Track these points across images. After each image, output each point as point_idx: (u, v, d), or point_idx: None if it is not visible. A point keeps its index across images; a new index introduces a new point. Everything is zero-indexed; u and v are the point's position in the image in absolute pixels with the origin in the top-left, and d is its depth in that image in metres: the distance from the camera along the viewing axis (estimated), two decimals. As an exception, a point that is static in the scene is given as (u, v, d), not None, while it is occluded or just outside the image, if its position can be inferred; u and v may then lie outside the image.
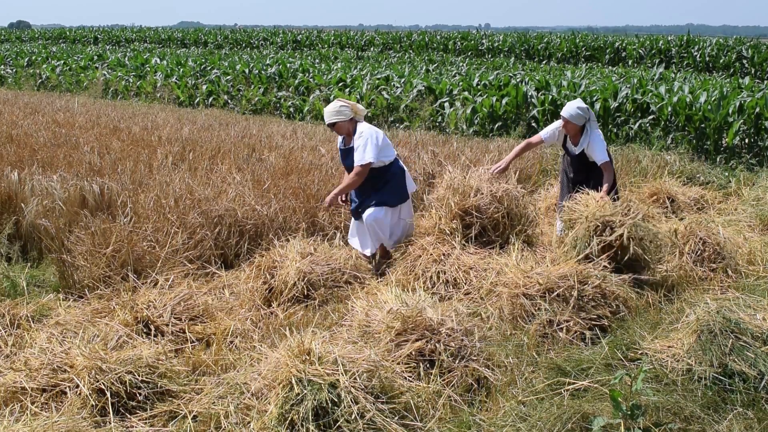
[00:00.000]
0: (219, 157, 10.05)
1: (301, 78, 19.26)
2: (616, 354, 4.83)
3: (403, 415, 4.09)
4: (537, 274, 5.62)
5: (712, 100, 12.66)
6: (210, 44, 44.75)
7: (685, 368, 4.49)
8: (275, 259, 6.23)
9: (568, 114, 6.95)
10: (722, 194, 9.81)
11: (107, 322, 5.14)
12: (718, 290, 6.13)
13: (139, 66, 24.12)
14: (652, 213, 8.11)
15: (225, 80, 20.35)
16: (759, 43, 30.23)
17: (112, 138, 11.63)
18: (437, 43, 38.33)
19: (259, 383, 4.10)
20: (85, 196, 7.35)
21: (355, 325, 5.07)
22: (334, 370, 3.99)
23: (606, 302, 5.53)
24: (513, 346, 4.99)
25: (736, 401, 4.24)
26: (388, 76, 19.19)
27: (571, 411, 3.99)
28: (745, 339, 4.53)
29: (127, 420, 4.14)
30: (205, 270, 6.60)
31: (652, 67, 27.68)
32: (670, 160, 10.83)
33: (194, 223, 6.94)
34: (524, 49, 35.19)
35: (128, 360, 4.36)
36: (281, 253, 6.29)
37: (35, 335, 4.97)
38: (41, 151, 10.18)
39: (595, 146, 6.93)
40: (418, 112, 16.14)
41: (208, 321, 5.46)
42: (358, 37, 42.41)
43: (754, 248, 7.07)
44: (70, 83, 22.92)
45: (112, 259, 6.23)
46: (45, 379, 4.27)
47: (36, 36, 53.60)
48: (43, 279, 6.54)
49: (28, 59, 27.76)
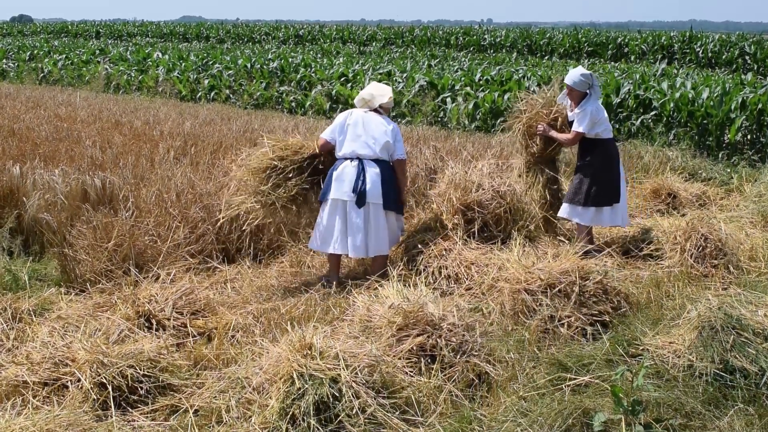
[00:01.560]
0: (221, 152, 10.05)
1: (303, 73, 19.25)
2: (617, 350, 4.82)
3: (404, 410, 4.10)
4: (538, 269, 5.61)
5: (714, 96, 12.63)
6: (212, 39, 44.66)
7: (687, 364, 4.49)
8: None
9: (571, 80, 6.95)
10: (724, 190, 9.79)
11: (109, 316, 5.14)
12: (719, 286, 6.12)
13: (141, 60, 24.09)
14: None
15: (227, 75, 20.34)
16: (762, 39, 30.16)
17: (114, 132, 11.64)
18: (439, 39, 38.22)
19: (261, 378, 4.11)
20: (86, 191, 7.35)
21: (357, 320, 5.07)
22: (336, 365, 4.00)
23: (607, 298, 5.52)
24: (514, 342, 5.00)
25: (737, 397, 4.24)
26: (390, 71, 19.16)
27: (572, 406, 3.99)
28: (747, 335, 4.52)
29: (128, 414, 4.15)
30: (206, 264, 6.61)
31: (654, 63, 27.59)
32: (672, 156, 10.81)
33: (196, 218, 6.95)
34: (526, 44, 35.10)
35: (130, 354, 4.36)
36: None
37: (37, 329, 4.97)
38: (43, 145, 10.19)
39: (582, 113, 6.90)
40: (420, 108, 16.13)
41: (209, 315, 5.47)
42: (360, 32, 42.30)
43: (756, 245, 7.06)
44: (72, 77, 22.91)
45: (113, 254, 6.24)
46: (47, 372, 4.28)
47: (38, 30, 53.52)
48: (44, 273, 6.54)
49: (30, 53, 27.74)
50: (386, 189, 6.30)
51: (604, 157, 7.02)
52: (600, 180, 6.96)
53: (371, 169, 6.29)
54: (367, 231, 6.31)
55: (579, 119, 6.93)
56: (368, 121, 6.40)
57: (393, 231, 6.57)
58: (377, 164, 6.32)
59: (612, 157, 7.05)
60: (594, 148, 7.05)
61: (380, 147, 6.32)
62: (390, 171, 6.41)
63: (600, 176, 6.97)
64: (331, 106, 17.00)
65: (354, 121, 6.40)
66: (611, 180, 6.99)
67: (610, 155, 7.05)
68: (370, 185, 6.24)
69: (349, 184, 6.24)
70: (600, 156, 7.01)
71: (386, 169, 6.37)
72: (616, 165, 7.06)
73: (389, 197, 6.34)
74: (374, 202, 6.27)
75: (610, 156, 7.04)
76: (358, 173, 6.26)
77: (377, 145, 6.32)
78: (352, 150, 6.32)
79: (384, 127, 6.37)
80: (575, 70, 7.07)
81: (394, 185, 6.41)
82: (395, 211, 6.52)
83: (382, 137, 6.34)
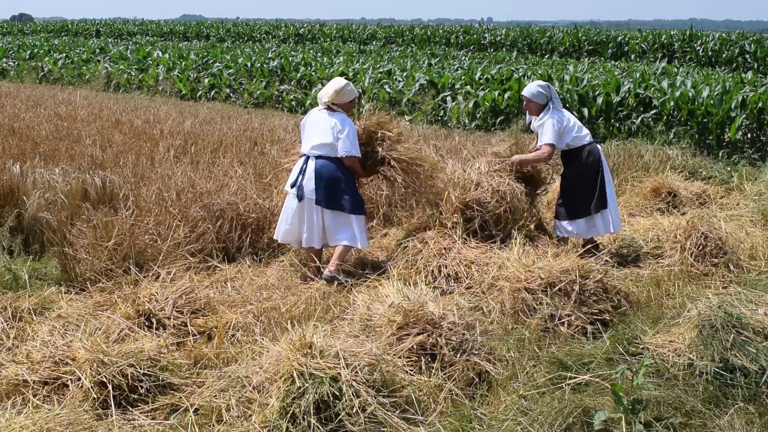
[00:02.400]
0: (221, 151, 10.05)
1: (303, 71, 19.24)
2: (617, 348, 4.82)
3: (405, 408, 4.10)
4: (539, 268, 5.62)
5: (714, 94, 12.63)
6: (212, 37, 44.65)
7: (687, 363, 4.50)
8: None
9: (529, 93, 6.89)
10: (724, 189, 9.79)
11: (109, 315, 5.14)
12: (719, 285, 6.13)
13: (141, 59, 24.07)
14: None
15: (227, 73, 20.32)
16: (762, 37, 30.09)
17: (114, 131, 11.63)
18: (439, 37, 38.21)
19: (261, 376, 4.11)
20: (87, 189, 7.34)
21: (357, 319, 5.07)
22: (336, 364, 4.00)
23: (607, 297, 5.53)
24: (514, 341, 5.00)
25: (738, 396, 4.24)
26: (390, 69, 19.15)
27: (573, 405, 3.99)
28: (747, 334, 4.53)
29: (128, 413, 4.15)
30: (206, 263, 6.60)
31: (654, 61, 27.58)
32: (673, 154, 10.80)
33: (196, 217, 6.94)
34: (527, 43, 35.10)
35: (130, 353, 4.36)
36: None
37: (37, 328, 4.97)
38: (43, 144, 10.18)
39: (545, 125, 6.78)
40: (420, 106, 16.12)
41: (209, 314, 5.46)
42: (361, 30, 42.28)
43: (756, 243, 7.07)
44: (72, 76, 22.90)
45: (113, 253, 6.23)
46: (47, 371, 4.28)
47: (38, 29, 53.49)
48: (45, 272, 6.54)
49: (30, 52, 27.71)
50: (320, 185, 6.38)
51: (580, 167, 6.90)
52: (580, 190, 6.88)
53: (311, 164, 6.46)
54: (306, 224, 6.48)
55: (542, 132, 6.82)
56: (317, 120, 6.57)
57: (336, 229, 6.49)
58: (317, 160, 6.45)
59: (589, 165, 6.87)
60: (569, 159, 6.99)
61: (322, 144, 6.47)
62: (333, 168, 6.44)
63: (579, 187, 6.89)
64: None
65: (309, 120, 6.66)
66: (591, 188, 6.84)
67: (587, 164, 6.87)
68: (305, 180, 6.42)
69: (291, 178, 6.56)
70: (576, 167, 6.92)
71: (326, 165, 6.43)
72: (595, 172, 6.87)
73: (325, 194, 6.39)
74: (308, 197, 6.41)
75: (587, 164, 6.87)
76: (301, 169, 6.50)
77: (319, 143, 6.48)
78: (303, 148, 6.62)
79: (327, 124, 6.48)
80: (533, 82, 7.06)
81: (337, 183, 6.44)
82: (334, 209, 6.45)
83: (324, 135, 6.46)
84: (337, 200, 6.43)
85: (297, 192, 6.43)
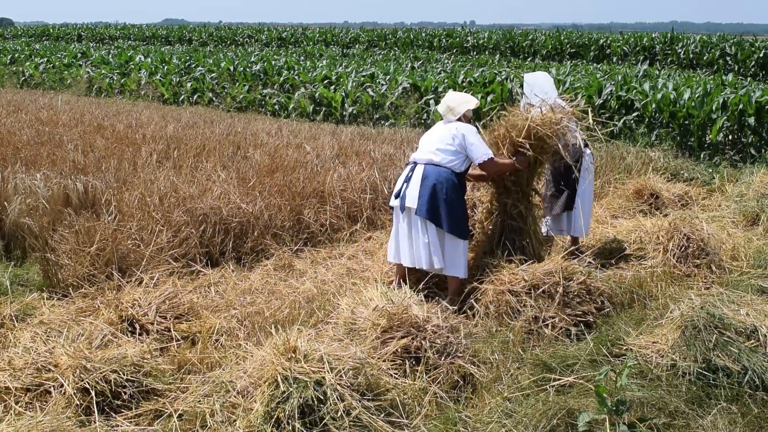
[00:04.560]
0: (204, 155, 10.02)
1: (286, 75, 19.21)
2: (601, 350, 4.85)
3: (389, 412, 4.10)
4: (522, 270, 5.64)
5: (695, 96, 12.72)
6: (195, 41, 44.46)
7: (670, 364, 4.53)
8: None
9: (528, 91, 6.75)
10: (706, 190, 9.87)
11: (92, 321, 5.11)
12: (702, 286, 6.17)
13: (123, 63, 23.95)
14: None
15: (210, 78, 20.26)
16: (742, 40, 30.35)
17: (96, 136, 11.56)
18: (422, 41, 38.25)
19: (245, 381, 4.10)
20: (68, 195, 7.31)
21: (341, 323, 5.06)
22: (320, 368, 3.99)
23: (591, 298, 5.56)
24: (498, 343, 5.01)
25: (720, 396, 4.27)
26: (373, 73, 19.16)
27: (557, 407, 4.00)
28: (729, 334, 4.56)
29: (112, 419, 4.13)
30: (190, 268, 6.58)
31: (636, 64, 27.75)
32: (655, 156, 10.88)
33: (179, 221, 6.92)
34: (509, 46, 35.19)
35: (113, 359, 4.34)
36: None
37: (19, 334, 4.95)
38: (24, 149, 10.11)
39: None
40: (403, 110, 16.13)
41: (193, 319, 5.45)
42: (343, 34, 42.27)
43: (738, 244, 7.12)
44: (54, 81, 22.75)
45: (96, 258, 6.20)
46: (29, 378, 4.24)
47: (19, 33, 53.07)
48: (26, 278, 6.49)
49: (11, 57, 27.50)
50: (425, 194, 5.70)
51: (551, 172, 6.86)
52: (551, 189, 6.90)
53: (418, 172, 5.84)
54: (413, 239, 5.84)
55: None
56: (435, 128, 6.16)
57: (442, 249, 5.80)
58: (426, 168, 5.83)
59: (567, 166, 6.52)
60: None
61: (435, 150, 5.87)
62: (443, 180, 5.73)
63: (553, 184, 6.89)
64: (314, 108, 16.98)
65: (429, 131, 6.20)
66: (564, 188, 6.82)
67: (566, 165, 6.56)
68: (410, 188, 5.81)
69: (396, 187, 5.99)
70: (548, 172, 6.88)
71: (435, 174, 5.76)
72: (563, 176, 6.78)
73: (429, 206, 5.68)
74: (410, 206, 5.78)
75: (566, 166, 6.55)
76: (406, 177, 5.92)
77: (433, 149, 5.90)
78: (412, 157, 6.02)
79: (447, 132, 5.94)
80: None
81: (444, 196, 5.69)
82: (438, 226, 5.72)
83: (441, 142, 5.91)
84: (438, 214, 5.69)
85: (400, 203, 5.86)
